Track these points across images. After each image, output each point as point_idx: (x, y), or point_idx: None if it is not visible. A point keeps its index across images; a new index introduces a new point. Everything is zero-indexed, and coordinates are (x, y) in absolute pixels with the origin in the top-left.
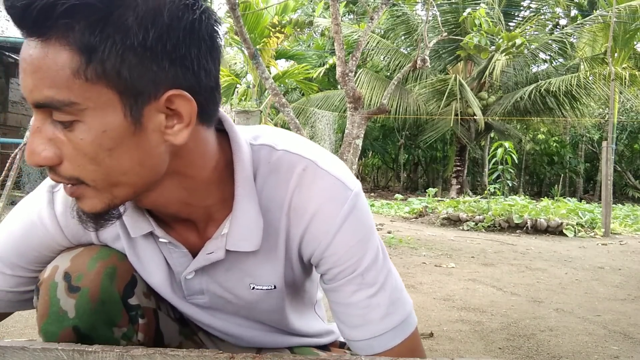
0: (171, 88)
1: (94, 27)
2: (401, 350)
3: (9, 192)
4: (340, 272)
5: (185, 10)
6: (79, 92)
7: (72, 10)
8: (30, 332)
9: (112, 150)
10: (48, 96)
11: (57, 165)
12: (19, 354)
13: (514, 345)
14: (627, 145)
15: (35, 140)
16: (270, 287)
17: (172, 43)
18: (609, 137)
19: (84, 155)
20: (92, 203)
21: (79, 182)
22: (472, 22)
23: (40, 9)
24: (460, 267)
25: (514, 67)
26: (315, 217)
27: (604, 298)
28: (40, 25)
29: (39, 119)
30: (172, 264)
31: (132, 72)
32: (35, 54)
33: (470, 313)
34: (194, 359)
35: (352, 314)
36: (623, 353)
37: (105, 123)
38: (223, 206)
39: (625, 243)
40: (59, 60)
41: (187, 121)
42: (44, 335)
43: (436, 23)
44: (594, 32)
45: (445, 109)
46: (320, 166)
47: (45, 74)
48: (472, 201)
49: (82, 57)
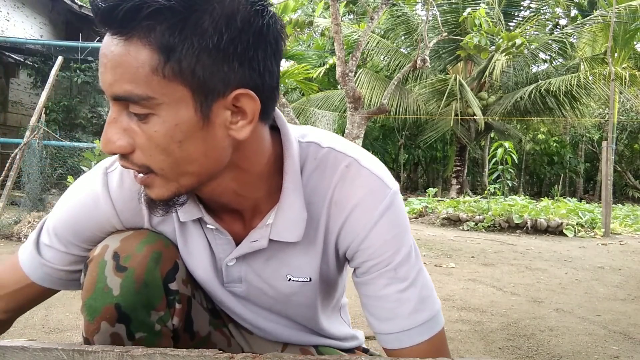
0: (239, 87)
1: (174, 28)
2: (428, 348)
3: (9, 192)
4: (374, 265)
5: (255, 15)
6: (156, 88)
7: (155, 13)
8: (30, 332)
9: (182, 142)
10: (127, 90)
11: (130, 154)
12: (19, 354)
13: (514, 345)
14: (627, 145)
15: (111, 130)
16: (306, 279)
17: (243, 46)
18: (609, 137)
19: (156, 146)
20: (159, 191)
21: (148, 170)
22: (472, 22)
23: (127, 11)
24: (460, 267)
25: (514, 67)
26: (354, 210)
27: (604, 298)
28: (124, 26)
29: (115, 111)
30: (216, 250)
31: (205, 71)
32: (117, 51)
33: (470, 313)
34: (194, 359)
35: (383, 307)
36: (623, 353)
37: (178, 117)
38: (269, 198)
39: (625, 243)
40: (139, 58)
41: (251, 118)
42: (87, 309)
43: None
44: (594, 32)
45: (445, 109)
46: (363, 164)
47: (126, 70)
48: (472, 201)
49: (161, 56)
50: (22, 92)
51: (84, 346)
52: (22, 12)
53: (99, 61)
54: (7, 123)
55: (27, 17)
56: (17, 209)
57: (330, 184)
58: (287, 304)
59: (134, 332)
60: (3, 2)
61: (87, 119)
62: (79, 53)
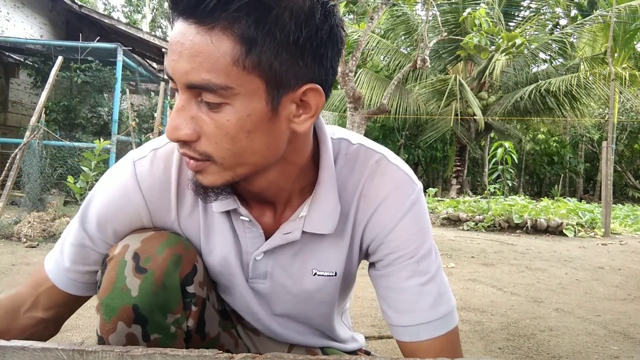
0: (309, 82)
1: (258, 22)
2: (444, 343)
3: (9, 192)
4: (398, 257)
5: (329, 15)
6: (234, 79)
7: (244, 5)
8: None
9: (250, 132)
10: (205, 79)
11: (193, 142)
12: (19, 354)
13: (514, 345)
14: (627, 145)
15: (179, 117)
16: (331, 273)
17: (317, 43)
18: (609, 137)
19: (224, 135)
20: (213, 178)
21: (208, 158)
22: (472, 22)
23: (218, 2)
24: (460, 267)
25: (514, 67)
26: (383, 203)
27: (604, 298)
28: (210, 15)
29: (184, 99)
30: (245, 243)
31: (282, 65)
32: (197, 39)
33: (470, 313)
34: (194, 359)
35: (403, 300)
36: (623, 353)
37: (251, 108)
38: (302, 191)
39: (625, 243)
40: (221, 48)
41: (314, 112)
42: (104, 308)
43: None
44: (594, 32)
45: (445, 109)
46: (391, 160)
47: (206, 59)
48: (472, 201)
49: (243, 48)
50: (22, 92)
51: (84, 346)
52: (22, 12)
53: (169, 48)
54: (7, 123)
55: (27, 17)
56: (17, 209)
57: (361, 178)
58: (308, 302)
59: (149, 333)
60: (3, 2)
61: (87, 119)
62: (79, 53)
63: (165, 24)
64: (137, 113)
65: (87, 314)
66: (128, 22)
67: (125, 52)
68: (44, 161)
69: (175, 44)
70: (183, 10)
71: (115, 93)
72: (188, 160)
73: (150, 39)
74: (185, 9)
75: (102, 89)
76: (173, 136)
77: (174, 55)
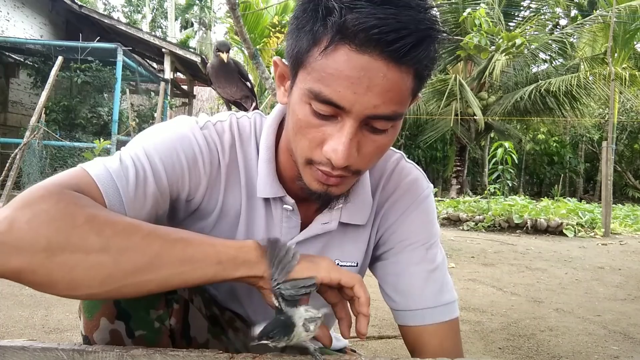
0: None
1: (431, 57)
2: (446, 329)
3: (9, 192)
4: (409, 244)
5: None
6: (407, 106)
7: (426, 45)
8: (30, 331)
9: (392, 144)
10: (394, 111)
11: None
12: (19, 354)
13: (514, 345)
14: (627, 145)
15: (352, 145)
16: (353, 263)
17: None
18: (609, 137)
19: (380, 152)
20: (343, 188)
21: (354, 174)
22: (472, 22)
23: (415, 45)
24: (460, 267)
25: (514, 67)
26: (399, 194)
27: (604, 298)
28: (401, 54)
29: (355, 127)
30: (280, 232)
31: (421, 87)
32: (390, 76)
33: (470, 313)
34: (194, 359)
35: (412, 284)
36: (623, 353)
37: (400, 125)
38: None
39: (625, 243)
40: (408, 83)
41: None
42: (85, 306)
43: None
44: (594, 32)
45: (445, 109)
46: (407, 160)
47: (397, 94)
48: (472, 201)
49: (417, 78)
50: (22, 92)
51: (84, 346)
52: (22, 12)
53: (345, 80)
54: (7, 123)
55: (27, 17)
56: None
57: (383, 173)
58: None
59: (133, 329)
60: (3, 2)
61: (87, 119)
62: (79, 53)
63: (165, 24)
64: (137, 113)
65: None
66: (128, 22)
67: (125, 52)
68: (44, 161)
69: (360, 78)
70: (375, 46)
71: (115, 93)
72: (327, 177)
73: (150, 39)
74: (377, 46)
75: (102, 89)
76: (346, 163)
77: (357, 88)
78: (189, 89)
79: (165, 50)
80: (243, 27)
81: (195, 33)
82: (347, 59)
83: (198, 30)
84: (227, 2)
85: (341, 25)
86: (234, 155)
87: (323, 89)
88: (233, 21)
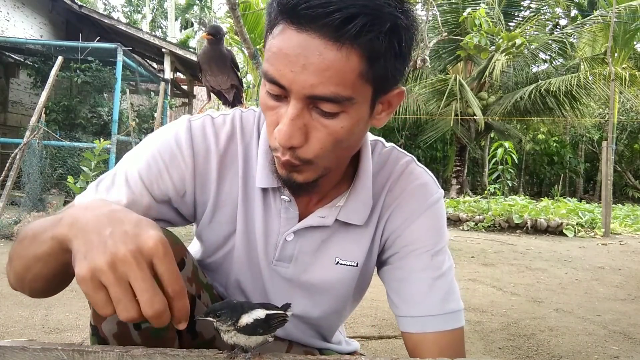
0: (399, 84)
1: (381, 36)
2: (448, 339)
3: (9, 192)
4: (414, 249)
5: (414, 18)
6: (358, 90)
7: (368, 20)
8: (30, 332)
9: (353, 134)
10: (334, 92)
11: (298, 147)
12: (19, 354)
13: (514, 345)
14: (627, 145)
15: (294, 126)
16: (353, 263)
17: (411, 50)
18: (609, 137)
19: (333, 140)
20: (307, 175)
21: (307, 162)
22: (472, 22)
23: (346, 19)
24: (460, 267)
25: (514, 67)
26: (406, 198)
27: (604, 298)
28: (337, 30)
29: (299, 108)
30: (278, 223)
31: (392, 73)
32: (327, 55)
33: (470, 313)
34: (194, 358)
35: (415, 291)
36: (623, 353)
37: (360, 113)
38: (339, 183)
39: (625, 243)
40: (350, 63)
41: (394, 109)
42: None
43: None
44: (594, 32)
45: (445, 109)
46: (418, 164)
47: (336, 73)
48: (472, 201)
49: (367, 61)
50: (22, 92)
51: (84, 346)
52: (22, 12)
53: (284, 58)
54: (7, 123)
55: (27, 17)
56: (17, 209)
57: (390, 175)
58: (327, 293)
59: (141, 322)
60: (3, 2)
61: (87, 119)
62: (79, 53)
63: (165, 24)
64: (137, 113)
65: (87, 314)
66: (128, 22)
67: (125, 52)
68: (44, 161)
69: (296, 56)
70: (308, 22)
71: (115, 93)
72: (280, 161)
73: (150, 39)
74: (311, 23)
75: (102, 89)
76: (288, 144)
77: (294, 66)
78: (189, 89)
79: (165, 50)
80: (243, 27)
81: (195, 33)
82: (286, 37)
83: (198, 30)
84: (227, 2)
85: (281, 4)
86: (232, 146)
87: (269, 67)
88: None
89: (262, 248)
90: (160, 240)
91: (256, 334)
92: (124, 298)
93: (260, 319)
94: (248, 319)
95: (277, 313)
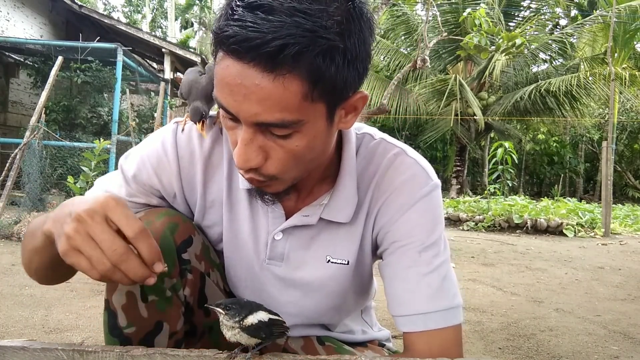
0: (358, 89)
1: (322, 55)
2: (441, 337)
3: (9, 192)
4: (402, 246)
5: (369, 20)
6: (305, 112)
7: (304, 44)
8: (30, 332)
9: (314, 148)
10: (279, 118)
11: (258, 167)
12: (19, 354)
13: (514, 345)
14: (627, 145)
15: (249, 150)
16: (344, 261)
17: (368, 57)
18: (609, 137)
19: (292, 157)
20: (276, 188)
21: (271, 179)
22: (472, 22)
23: (278, 49)
24: (460, 267)
25: (514, 67)
26: (395, 191)
27: (604, 298)
28: (272, 59)
29: (250, 132)
30: (266, 222)
31: (342, 83)
32: (264, 84)
33: (470, 313)
34: (194, 358)
35: (402, 289)
36: (623, 353)
37: (316, 129)
38: (324, 182)
39: (625, 243)
40: (291, 88)
41: (359, 111)
42: None
43: (436, 23)
44: (594, 32)
45: (445, 109)
46: (409, 155)
47: (277, 101)
48: (472, 201)
49: (310, 82)
50: (22, 92)
51: (84, 346)
52: (22, 12)
53: (226, 87)
54: (7, 123)
55: (27, 17)
56: (17, 209)
57: (377, 169)
58: (320, 290)
59: (147, 293)
60: (3, 2)
61: (87, 119)
62: (79, 53)
63: (165, 24)
64: (137, 113)
65: (87, 314)
66: (128, 22)
67: (125, 52)
68: (44, 161)
69: (237, 86)
70: (244, 53)
71: (115, 93)
72: (252, 178)
73: (150, 39)
74: (247, 53)
75: (102, 89)
76: (245, 166)
77: (236, 96)
78: None
79: (165, 50)
80: None
81: (195, 33)
82: (226, 66)
83: (198, 30)
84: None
85: (217, 34)
86: (218, 148)
87: (217, 94)
88: None
89: (253, 247)
90: (110, 196)
91: (258, 336)
92: (94, 253)
93: (263, 322)
94: (253, 319)
95: (280, 320)
